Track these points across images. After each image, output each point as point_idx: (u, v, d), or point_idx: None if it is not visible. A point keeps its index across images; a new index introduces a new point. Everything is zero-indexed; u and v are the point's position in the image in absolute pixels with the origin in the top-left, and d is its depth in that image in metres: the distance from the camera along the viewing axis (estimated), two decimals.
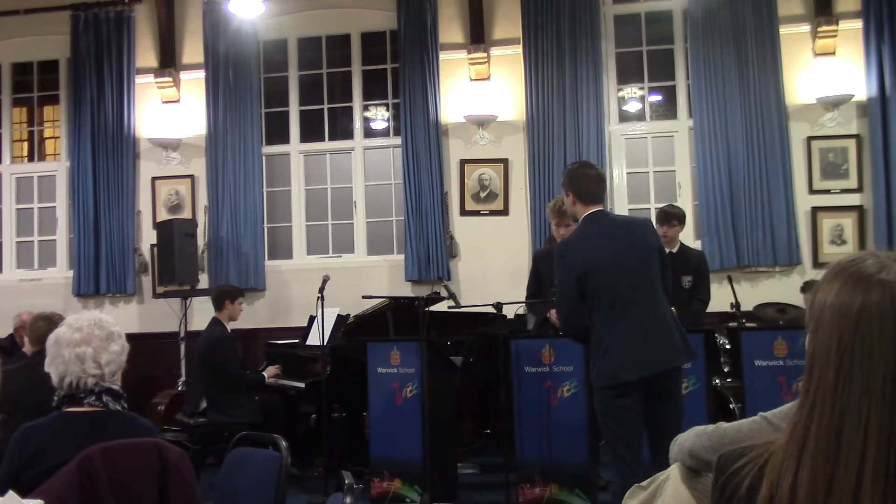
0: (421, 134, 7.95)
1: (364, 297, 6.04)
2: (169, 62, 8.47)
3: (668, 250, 6.01)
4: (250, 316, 8.15)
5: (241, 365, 6.51)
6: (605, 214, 4.18)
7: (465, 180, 8.04)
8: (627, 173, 8.02)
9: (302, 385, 6.26)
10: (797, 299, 6.71)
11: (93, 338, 2.53)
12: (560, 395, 5.04)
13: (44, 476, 2.34)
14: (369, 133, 8.59)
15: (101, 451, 2.34)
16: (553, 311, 5.60)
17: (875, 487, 1.09)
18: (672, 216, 6.03)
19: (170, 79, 8.43)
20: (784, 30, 7.54)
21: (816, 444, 1.14)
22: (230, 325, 6.44)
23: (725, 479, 1.23)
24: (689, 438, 2.00)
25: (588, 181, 4.10)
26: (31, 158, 9.28)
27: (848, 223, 7.49)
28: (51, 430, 2.47)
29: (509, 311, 6.27)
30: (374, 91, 8.52)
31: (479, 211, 8.04)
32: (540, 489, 5.04)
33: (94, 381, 2.51)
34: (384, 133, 8.57)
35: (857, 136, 7.52)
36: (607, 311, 3.97)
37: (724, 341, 5.95)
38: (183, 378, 7.73)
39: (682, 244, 6.08)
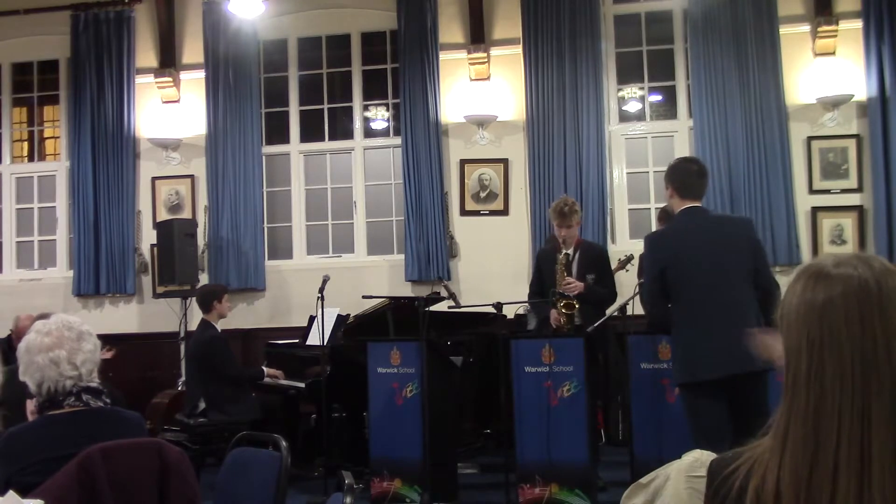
0: (421, 134, 7.95)
1: (364, 297, 6.04)
2: (169, 62, 8.46)
3: None
4: (250, 316, 8.16)
5: (237, 362, 6.51)
6: (700, 210, 4.17)
7: (465, 180, 8.04)
8: (627, 173, 8.01)
9: (302, 385, 6.25)
10: None
11: (64, 340, 2.49)
12: (560, 395, 5.04)
13: (34, 478, 2.32)
14: (369, 133, 8.59)
15: (101, 451, 2.33)
16: (553, 311, 5.61)
17: (851, 467, 1.14)
18: None
19: (170, 79, 8.43)
20: (784, 30, 7.54)
21: (795, 434, 1.19)
22: (222, 323, 6.44)
23: (718, 483, 1.28)
24: None
25: (688, 175, 4.13)
26: (31, 158, 9.28)
27: (848, 223, 7.49)
28: (36, 433, 2.45)
29: (509, 311, 6.27)
30: (374, 91, 8.52)
31: (479, 211, 8.03)
32: (540, 489, 5.04)
33: (72, 383, 2.47)
34: (384, 133, 8.56)
35: (857, 136, 7.51)
36: (688, 306, 3.98)
37: None
38: (183, 378, 7.72)
39: None
